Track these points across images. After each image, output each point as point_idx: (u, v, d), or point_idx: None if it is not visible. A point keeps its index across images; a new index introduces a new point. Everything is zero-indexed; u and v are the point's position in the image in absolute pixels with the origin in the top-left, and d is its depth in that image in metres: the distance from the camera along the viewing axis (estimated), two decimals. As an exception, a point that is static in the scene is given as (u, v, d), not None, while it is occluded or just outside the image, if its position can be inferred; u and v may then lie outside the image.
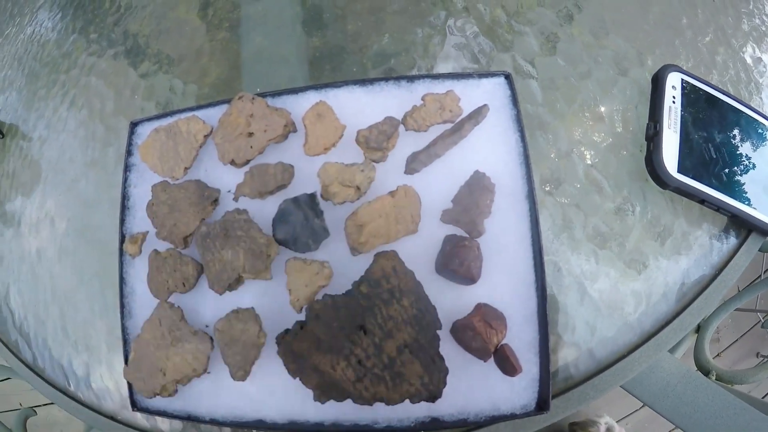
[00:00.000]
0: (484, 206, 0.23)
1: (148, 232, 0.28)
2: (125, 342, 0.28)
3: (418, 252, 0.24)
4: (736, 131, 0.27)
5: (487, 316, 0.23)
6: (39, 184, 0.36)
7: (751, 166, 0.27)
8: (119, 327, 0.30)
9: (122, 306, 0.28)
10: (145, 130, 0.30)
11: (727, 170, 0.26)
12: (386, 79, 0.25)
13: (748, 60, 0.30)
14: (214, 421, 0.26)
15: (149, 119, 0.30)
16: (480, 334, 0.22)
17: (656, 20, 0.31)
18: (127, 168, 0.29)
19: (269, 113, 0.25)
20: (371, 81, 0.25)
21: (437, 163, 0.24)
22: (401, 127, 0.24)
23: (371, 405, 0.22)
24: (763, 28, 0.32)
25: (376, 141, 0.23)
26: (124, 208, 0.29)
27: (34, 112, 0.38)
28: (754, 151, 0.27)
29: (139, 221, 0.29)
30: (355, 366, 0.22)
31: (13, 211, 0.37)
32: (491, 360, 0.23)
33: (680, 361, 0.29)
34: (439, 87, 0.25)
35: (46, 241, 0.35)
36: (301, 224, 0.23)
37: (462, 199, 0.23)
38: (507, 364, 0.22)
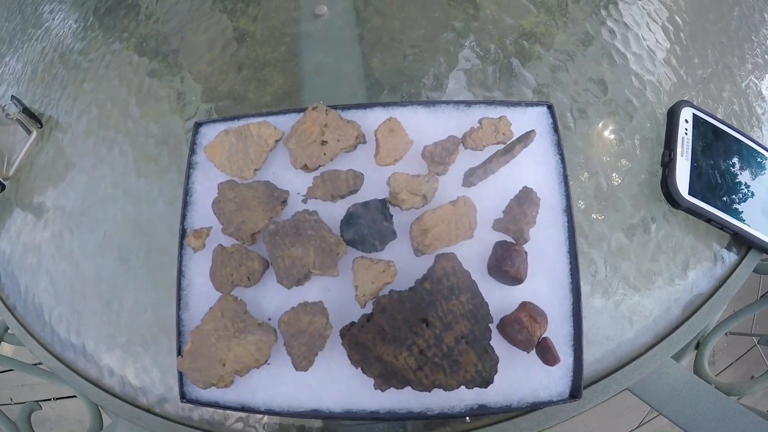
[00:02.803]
0: (531, 217, 0.28)
1: (212, 227, 0.31)
2: (180, 334, 0.30)
3: (472, 255, 0.28)
4: (738, 160, 0.33)
5: (532, 312, 0.27)
6: (81, 175, 0.38)
7: (751, 190, 0.33)
8: (165, 320, 0.32)
9: (179, 298, 0.30)
10: (209, 131, 0.33)
11: (730, 194, 0.32)
12: (447, 102, 0.30)
13: (751, 96, 0.37)
14: (269, 411, 0.29)
15: (215, 121, 0.33)
16: (526, 327, 0.26)
17: (671, 59, 0.37)
18: (190, 166, 0.32)
19: (342, 125, 0.29)
20: (434, 103, 0.30)
21: (491, 178, 0.29)
22: (460, 146, 0.29)
23: (429, 391, 0.26)
24: (764, 67, 0.39)
25: (440, 156, 0.28)
26: (186, 203, 0.32)
27: (78, 106, 0.40)
28: (754, 177, 0.33)
29: (201, 217, 0.31)
30: (416, 355, 0.25)
31: (49, 201, 0.39)
32: (532, 352, 0.28)
33: (685, 368, 0.34)
34: (492, 112, 0.30)
35: (86, 233, 0.36)
36: (370, 226, 0.27)
37: (512, 210, 0.28)
38: (548, 355, 0.27)
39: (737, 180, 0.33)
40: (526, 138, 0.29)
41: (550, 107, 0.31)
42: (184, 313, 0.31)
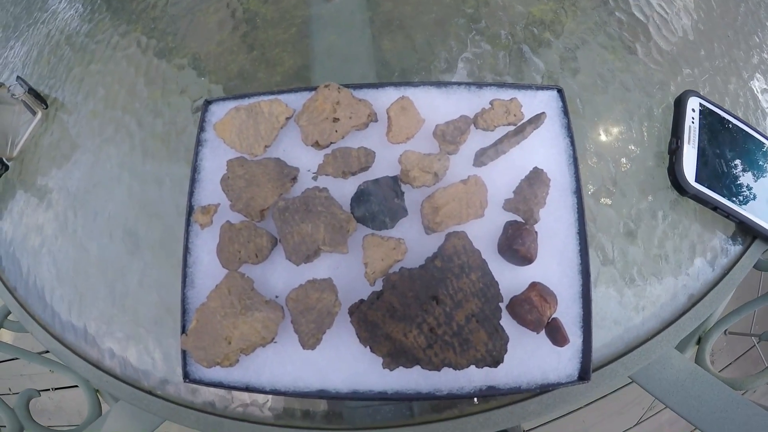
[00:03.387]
0: (541, 197, 0.28)
1: (219, 204, 0.31)
2: (184, 311, 0.30)
3: (482, 234, 0.28)
4: (744, 150, 0.33)
5: (542, 292, 0.27)
6: (87, 156, 0.38)
7: (756, 180, 0.33)
8: (170, 300, 0.32)
9: (185, 275, 0.30)
10: (218, 109, 0.33)
11: (735, 183, 0.32)
12: (458, 83, 0.30)
13: (756, 89, 0.38)
14: (275, 391, 0.29)
15: (224, 99, 0.33)
16: (536, 307, 0.27)
17: (679, 51, 0.38)
18: (199, 143, 0.32)
19: (354, 103, 0.29)
20: (445, 84, 0.30)
21: (501, 158, 0.29)
22: (472, 126, 0.29)
23: (439, 370, 0.26)
24: None
25: (452, 135, 0.28)
26: (193, 180, 0.32)
27: (85, 87, 0.40)
28: (759, 168, 0.34)
29: (209, 194, 0.31)
30: (426, 333, 0.26)
31: (53, 183, 0.39)
32: (542, 334, 0.28)
33: (689, 359, 0.34)
34: (504, 94, 0.30)
35: (90, 213, 0.36)
36: (381, 203, 0.27)
37: (522, 190, 0.28)
38: (558, 335, 0.27)
39: (742, 170, 0.33)
40: (537, 120, 0.29)
41: (560, 91, 0.31)
42: (189, 290, 0.30)
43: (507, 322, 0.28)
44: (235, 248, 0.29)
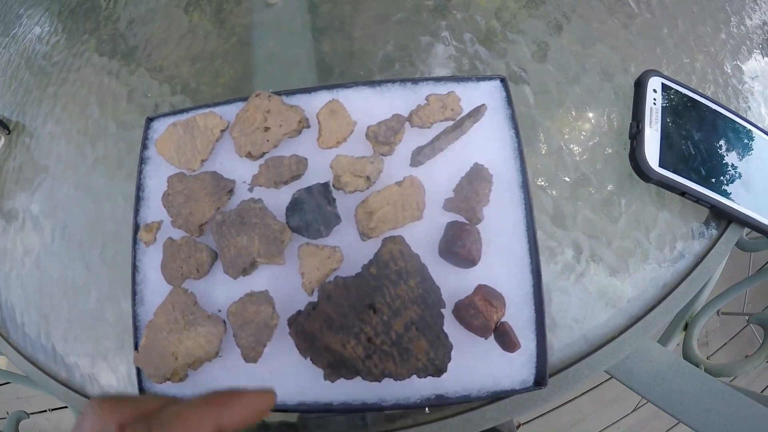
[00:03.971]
0: (483, 195, 0.27)
1: (162, 221, 0.31)
2: (136, 329, 0.31)
3: (422, 237, 0.28)
4: (713, 129, 0.31)
5: (487, 296, 0.26)
6: (47, 179, 0.39)
7: (727, 161, 0.31)
8: (126, 316, 0.33)
9: (134, 293, 0.31)
10: (160, 125, 0.33)
11: (705, 164, 0.30)
12: (393, 81, 0.29)
13: (726, 66, 0.35)
14: (224, 405, 0.29)
15: (165, 115, 0.33)
16: (481, 312, 0.26)
17: (639, 30, 0.36)
18: (142, 161, 0.33)
19: (285, 110, 0.29)
20: (379, 82, 0.29)
21: (440, 156, 0.28)
22: (407, 124, 0.28)
23: (380, 381, 0.25)
24: (739, 37, 0.38)
25: (384, 136, 0.27)
26: (138, 198, 0.32)
27: (43, 110, 0.42)
28: (731, 148, 0.32)
29: (154, 211, 0.32)
30: (364, 344, 0.25)
31: (19, 206, 0.40)
32: (491, 338, 0.27)
33: (670, 351, 0.33)
34: (441, 89, 0.29)
35: (52, 235, 0.38)
36: (314, 212, 0.27)
37: (462, 188, 0.27)
38: (507, 340, 0.26)
39: (713, 151, 0.31)
40: (476, 113, 0.28)
41: (503, 80, 0.30)
42: (139, 308, 0.31)
43: (454, 327, 0.27)
44: (177, 264, 0.30)
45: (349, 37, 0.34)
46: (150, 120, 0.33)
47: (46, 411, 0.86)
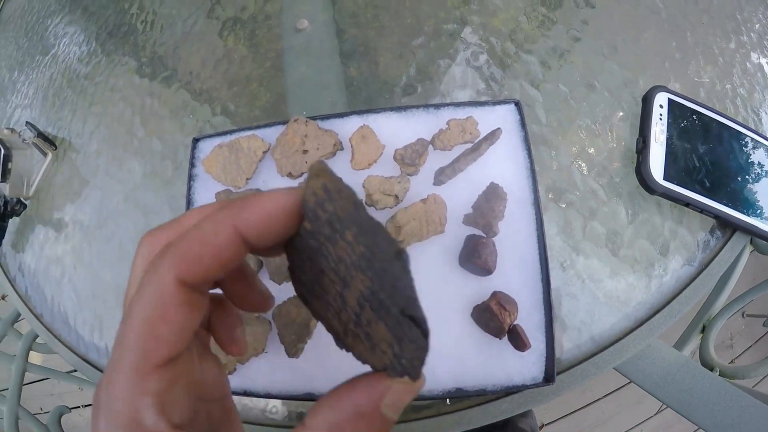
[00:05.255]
0: (498, 211, 0.32)
1: (210, 233, 0.36)
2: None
3: (444, 249, 0.32)
4: (717, 141, 0.34)
5: (502, 301, 0.31)
6: (95, 192, 0.45)
7: (733, 172, 0.34)
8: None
9: (185, 298, 0.37)
10: (206, 146, 0.38)
11: (709, 176, 0.33)
12: (416, 107, 0.34)
13: (734, 76, 0.38)
14: (268, 395, 0.34)
15: (210, 136, 0.38)
16: (496, 315, 0.31)
17: (648, 46, 0.40)
18: (190, 178, 0.38)
19: (321, 134, 0.34)
20: (405, 108, 0.34)
21: (460, 176, 0.33)
22: (430, 147, 0.33)
23: (363, 364, 0.17)
24: (749, 46, 0.41)
25: (410, 158, 0.32)
26: (187, 213, 0.38)
27: (88, 128, 0.47)
28: (736, 159, 0.34)
29: (201, 225, 0.37)
30: (337, 317, 0.17)
31: (68, 218, 0.46)
32: (505, 339, 0.32)
33: (680, 353, 0.36)
34: (461, 113, 0.34)
35: (104, 244, 0.43)
36: (349, 226, 0.32)
37: (480, 205, 0.32)
38: (518, 341, 0.31)
39: (718, 162, 0.34)
40: (492, 136, 0.33)
41: (517, 104, 0.34)
42: (190, 311, 0.36)
43: (473, 328, 0.32)
44: (226, 272, 0.35)
45: (375, 62, 0.39)
46: (196, 140, 0.39)
47: (79, 407, 0.93)
